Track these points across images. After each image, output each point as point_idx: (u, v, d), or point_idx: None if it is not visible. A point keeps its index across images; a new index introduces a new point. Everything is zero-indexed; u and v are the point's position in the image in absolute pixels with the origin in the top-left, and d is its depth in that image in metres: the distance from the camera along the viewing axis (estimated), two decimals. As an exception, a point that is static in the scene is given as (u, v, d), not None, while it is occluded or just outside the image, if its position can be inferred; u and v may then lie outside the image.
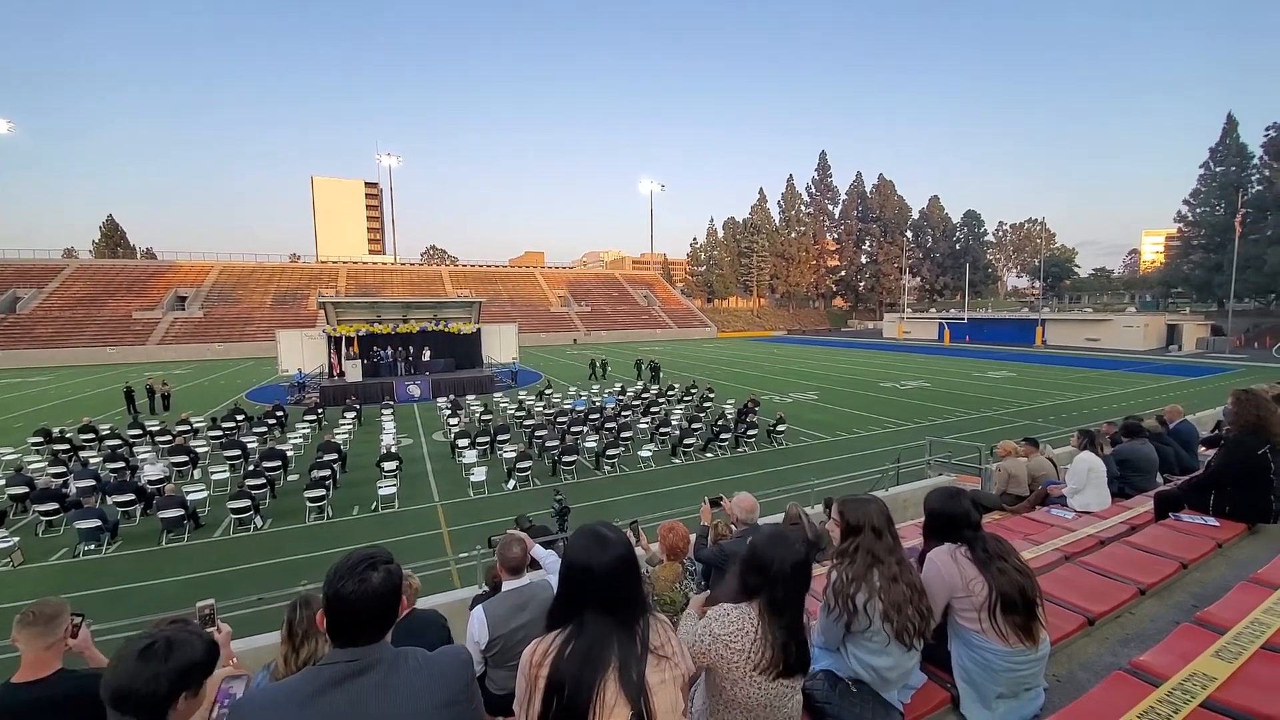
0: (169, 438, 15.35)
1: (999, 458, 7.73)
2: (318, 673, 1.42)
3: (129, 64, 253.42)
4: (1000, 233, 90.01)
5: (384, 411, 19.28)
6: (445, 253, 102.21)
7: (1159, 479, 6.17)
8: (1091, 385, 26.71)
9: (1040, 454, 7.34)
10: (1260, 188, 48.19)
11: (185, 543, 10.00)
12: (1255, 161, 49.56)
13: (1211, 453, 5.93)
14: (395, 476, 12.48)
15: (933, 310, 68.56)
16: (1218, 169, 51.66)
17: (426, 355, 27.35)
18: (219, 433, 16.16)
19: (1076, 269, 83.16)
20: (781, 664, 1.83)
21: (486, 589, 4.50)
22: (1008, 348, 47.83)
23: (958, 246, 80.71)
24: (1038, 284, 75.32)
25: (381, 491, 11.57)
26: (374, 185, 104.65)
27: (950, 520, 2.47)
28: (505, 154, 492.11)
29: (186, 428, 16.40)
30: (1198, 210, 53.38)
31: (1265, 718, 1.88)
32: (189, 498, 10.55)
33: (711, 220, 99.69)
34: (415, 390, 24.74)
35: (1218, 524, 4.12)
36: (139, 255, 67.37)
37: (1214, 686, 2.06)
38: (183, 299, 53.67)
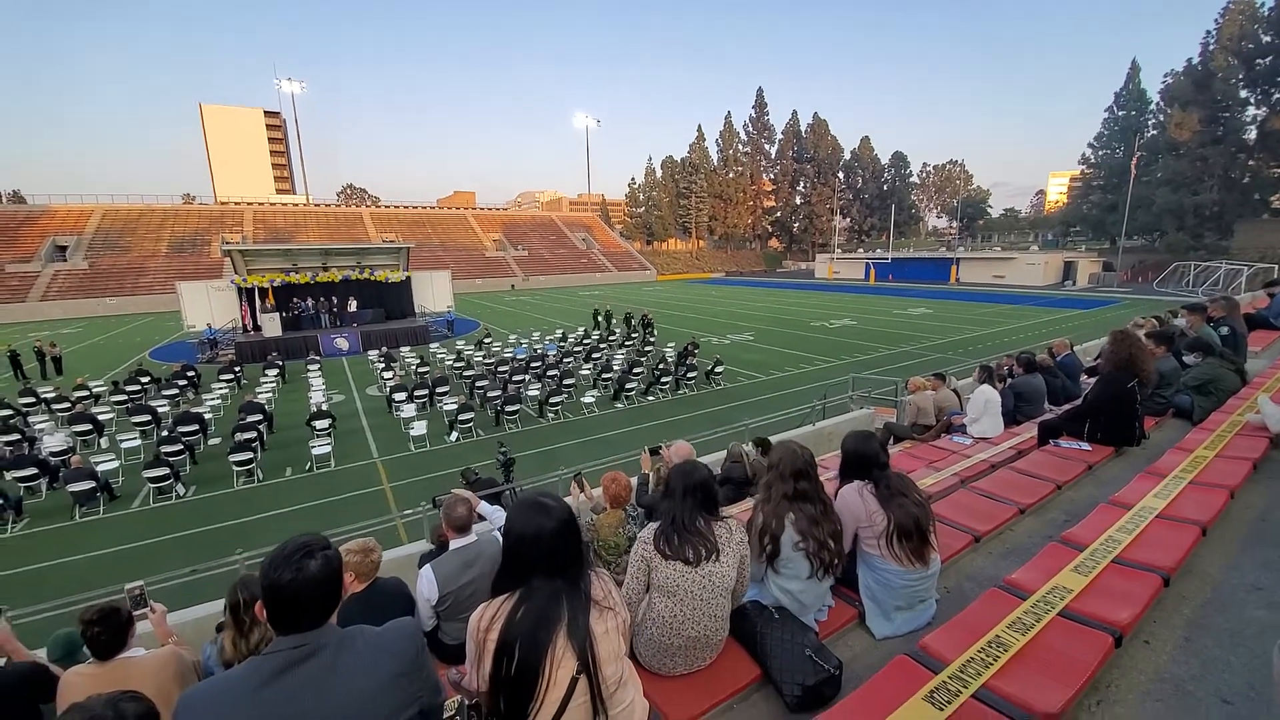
0: (67, 405, 14.08)
1: (910, 392, 8.42)
2: (263, 661, 1.43)
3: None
4: (924, 174, 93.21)
5: (310, 367, 18.40)
6: (365, 193, 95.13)
7: (1046, 407, 6.94)
8: (996, 320, 28.96)
9: (946, 387, 8.03)
10: (1155, 132, 51.67)
11: (102, 516, 9.44)
12: (1152, 106, 53.00)
13: (1093, 380, 6.69)
14: (329, 435, 12.10)
15: (860, 250, 71.06)
16: (1120, 113, 54.97)
17: (353, 306, 25.96)
18: (123, 397, 14.95)
19: (989, 210, 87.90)
20: (682, 556, 2.23)
21: (433, 548, 4.58)
22: (926, 285, 50.64)
23: (885, 188, 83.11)
24: (955, 224, 79.31)
25: (315, 451, 11.23)
26: (275, 115, 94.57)
27: (862, 460, 2.81)
28: (431, 85, 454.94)
29: (85, 393, 15.08)
30: (1100, 153, 56.95)
31: (1111, 623, 2.24)
32: (99, 468, 9.88)
33: (650, 159, 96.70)
34: (343, 343, 23.60)
35: (1090, 449, 4.73)
36: (4, 199, 58.59)
37: (1070, 597, 2.42)
38: (62, 248, 47.56)
